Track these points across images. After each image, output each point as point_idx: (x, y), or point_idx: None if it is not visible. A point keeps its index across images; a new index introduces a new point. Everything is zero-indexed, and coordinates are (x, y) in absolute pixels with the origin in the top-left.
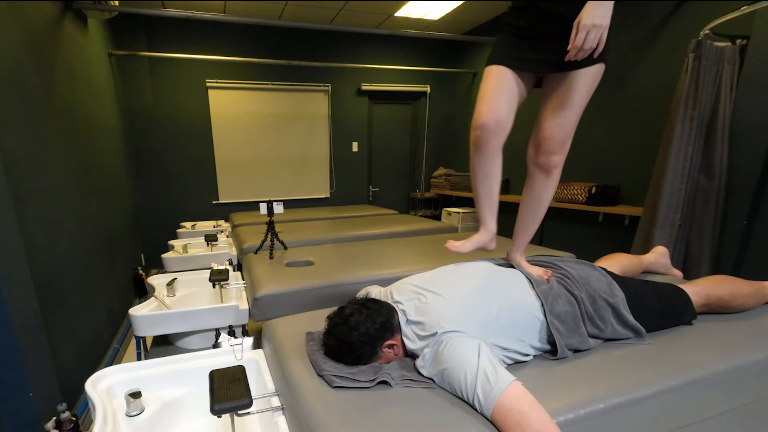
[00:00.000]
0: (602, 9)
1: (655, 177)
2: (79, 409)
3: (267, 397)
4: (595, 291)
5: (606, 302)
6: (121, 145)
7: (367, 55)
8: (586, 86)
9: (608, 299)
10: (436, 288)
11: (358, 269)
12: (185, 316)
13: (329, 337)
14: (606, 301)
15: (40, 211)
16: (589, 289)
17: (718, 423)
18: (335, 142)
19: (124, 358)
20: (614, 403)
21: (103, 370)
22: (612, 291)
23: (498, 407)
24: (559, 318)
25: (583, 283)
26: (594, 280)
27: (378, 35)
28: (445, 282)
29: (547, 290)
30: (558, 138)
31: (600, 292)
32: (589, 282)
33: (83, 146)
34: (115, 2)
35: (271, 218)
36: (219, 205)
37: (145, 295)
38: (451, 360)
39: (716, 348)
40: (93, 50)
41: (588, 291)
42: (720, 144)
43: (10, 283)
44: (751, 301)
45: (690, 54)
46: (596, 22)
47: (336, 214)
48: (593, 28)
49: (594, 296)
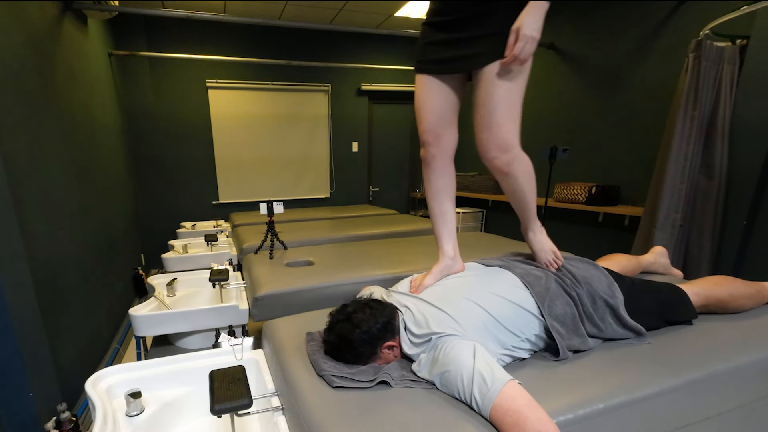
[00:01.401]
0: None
1: (655, 177)
2: (79, 409)
3: (267, 397)
4: (595, 291)
5: (605, 303)
6: (121, 145)
7: (367, 55)
8: (510, 78)
9: (608, 300)
10: (430, 292)
11: (358, 269)
12: (185, 316)
13: (330, 334)
14: (605, 301)
15: (40, 211)
16: (590, 288)
17: (718, 423)
18: (335, 142)
19: (124, 358)
20: (614, 403)
21: (103, 370)
22: (612, 292)
23: (495, 408)
24: (558, 320)
25: (584, 282)
26: (595, 280)
27: (378, 35)
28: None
29: (543, 292)
30: (495, 140)
31: (600, 293)
32: (590, 282)
33: (83, 146)
34: (115, 2)
35: (271, 218)
36: (219, 205)
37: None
38: (447, 363)
39: (716, 348)
40: (93, 50)
41: (588, 290)
42: (720, 144)
43: (10, 283)
44: (750, 303)
45: (690, 54)
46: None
47: (336, 214)
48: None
49: (594, 296)
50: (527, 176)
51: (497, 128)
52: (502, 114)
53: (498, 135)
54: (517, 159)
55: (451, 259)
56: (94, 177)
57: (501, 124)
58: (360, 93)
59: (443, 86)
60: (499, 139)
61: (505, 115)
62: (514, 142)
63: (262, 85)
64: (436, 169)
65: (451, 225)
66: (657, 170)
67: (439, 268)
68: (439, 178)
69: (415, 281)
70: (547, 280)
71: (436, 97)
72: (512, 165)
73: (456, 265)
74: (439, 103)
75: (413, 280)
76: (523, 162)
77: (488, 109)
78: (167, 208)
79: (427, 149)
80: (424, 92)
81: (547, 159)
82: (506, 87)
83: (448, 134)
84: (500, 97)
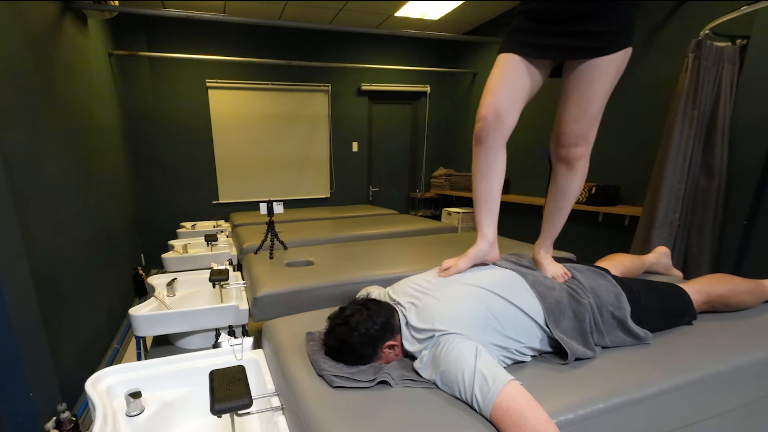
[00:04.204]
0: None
1: (654, 177)
2: (79, 409)
3: (267, 397)
4: (602, 303)
5: (612, 315)
6: (121, 145)
7: (367, 55)
8: (610, 75)
9: (614, 312)
10: (433, 290)
11: (358, 269)
12: (185, 316)
13: (330, 338)
14: (612, 314)
15: (40, 211)
16: (597, 300)
17: (718, 423)
18: (335, 142)
19: (124, 358)
20: (614, 403)
21: (103, 370)
22: (620, 303)
23: (496, 407)
24: (567, 333)
25: (593, 293)
26: (603, 291)
27: (378, 35)
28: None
29: (554, 306)
30: (578, 131)
31: (607, 305)
32: (598, 293)
33: (83, 146)
34: (115, 2)
35: (271, 218)
36: (219, 205)
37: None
38: (448, 362)
39: (716, 348)
40: (93, 50)
41: (596, 301)
42: (720, 144)
43: (10, 283)
44: (751, 299)
45: (690, 54)
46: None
47: (336, 214)
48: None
49: (601, 308)
50: (583, 178)
51: (586, 123)
52: (594, 110)
53: (585, 129)
54: (586, 156)
55: (489, 245)
56: (94, 177)
57: (590, 120)
58: (360, 93)
59: (531, 70)
60: (586, 132)
61: (596, 112)
62: (593, 140)
63: (262, 85)
64: (489, 148)
65: (495, 209)
66: (656, 170)
67: (476, 250)
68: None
69: (448, 262)
70: (560, 292)
71: (518, 77)
72: (581, 160)
73: (492, 252)
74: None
75: (445, 262)
76: (587, 163)
77: (583, 104)
78: (167, 208)
79: (483, 125)
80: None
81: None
82: (604, 84)
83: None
84: (597, 94)
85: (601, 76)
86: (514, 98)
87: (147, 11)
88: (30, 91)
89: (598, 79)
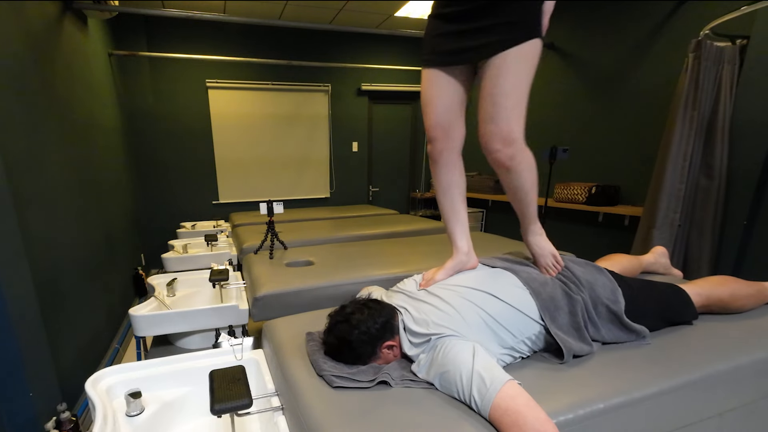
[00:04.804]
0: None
1: (654, 177)
2: (79, 409)
3: (267, 397)
4: (597, 297)
5: (607, 309)
6: (120, 145)
7: (367, 55)
8: (520, 67)
9: (610, 306)
10: (425, 295)
11: (358, 269)
12: (185, 316)
13: (330, 335)
14: (607, 307)
15: (40, 211)
16: (593, 294)
17: (718, 423)
18: (335, 142)
19: (124, 358)
20: (614, 403)
21: (103, 370)
22: (615, 298)
23: (495, 407)
24: (563, 329)
25: (588, 287)
26: (599, 285)
27: (378, 35)
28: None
29: (548, 301)
30: (496, 131)
31: (603, 299)
32: (594, 287)
33: (83, 146)
34: (115, 2)
35: (271, 218)
36: (219, 205)
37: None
38: (446, 364)
39: (716, 348)
40: (93, 50)
41: (591, 295)
42: (720, 144)
43: (10, 283)
44: (751, 303)
45: (690, 54)
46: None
47: (336, 214)
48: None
49: (596, 302)
50: (529, 172)
51: (503, 120)
52: (508, 105)
53: (503, 127)
54: (520, 153)
55: (465, 255)
56: (94, 177)
57: (506, 116)
58: (360, 93)
59: (451, 80)
60: (503, 131)
61: (511, 107)
62: (519, 136)
63: (262, 85)
64: (444, 165)
65: (463, 220)
66: (656, 170)
67: (453, 263)
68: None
69: (427, 275)
70: (553, 287)
71: (444, 91)
72: (515, 159)
73: (470, 261)
74: (448, 98)
75: (424, 275)
76: (526, 157)
77: (495, 99)
78: (167, 208)
79: (434, 144)
80: (432, 87)
81: (547, 159)
82: (514, 78)
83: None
84: (508, 88)
85: (511, 69)
86: (453, 111)
87: (147, 11)
88: (30, 91)
89: (507, 72)
